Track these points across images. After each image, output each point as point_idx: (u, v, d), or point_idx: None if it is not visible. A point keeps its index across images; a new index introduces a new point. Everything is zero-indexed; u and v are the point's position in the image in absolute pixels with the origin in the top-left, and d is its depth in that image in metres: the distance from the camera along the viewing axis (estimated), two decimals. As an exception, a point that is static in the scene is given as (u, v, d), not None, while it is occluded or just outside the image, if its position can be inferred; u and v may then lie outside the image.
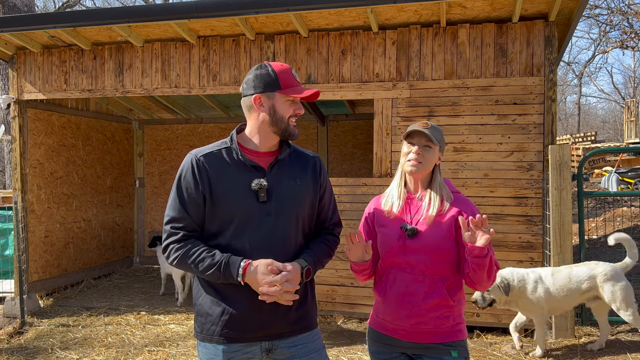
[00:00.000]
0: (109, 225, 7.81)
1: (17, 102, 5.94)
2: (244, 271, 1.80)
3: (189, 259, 1.85)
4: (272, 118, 1.91)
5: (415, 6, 4.51)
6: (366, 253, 2.06)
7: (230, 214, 1.87)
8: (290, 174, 1.96)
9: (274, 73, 1.90)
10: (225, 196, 1.87)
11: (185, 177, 1.90)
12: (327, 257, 2.04)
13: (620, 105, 34.78)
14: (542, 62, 4.69)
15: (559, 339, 4.47)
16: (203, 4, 4.72)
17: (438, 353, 2.02)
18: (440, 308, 2.01)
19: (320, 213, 2.06)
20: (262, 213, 1.88)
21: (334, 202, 2.14)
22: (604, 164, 17.93)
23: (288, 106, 1.92)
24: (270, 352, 1.93)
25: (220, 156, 1.93)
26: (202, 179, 1.88)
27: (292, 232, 1.93)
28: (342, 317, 5.16)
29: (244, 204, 1.87)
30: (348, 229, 5.04)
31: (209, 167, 1.89)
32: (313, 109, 7.39)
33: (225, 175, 1.89)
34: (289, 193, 1.92)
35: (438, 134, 2.09)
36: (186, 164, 1.92)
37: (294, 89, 1.91)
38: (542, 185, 4.67)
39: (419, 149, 2.05)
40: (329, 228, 2.10)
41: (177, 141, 8.51)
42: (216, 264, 1.82)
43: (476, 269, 1.92)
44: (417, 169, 2.05)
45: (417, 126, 2.08)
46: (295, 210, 1.93)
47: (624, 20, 18.22)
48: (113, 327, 5.27)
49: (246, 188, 1.88)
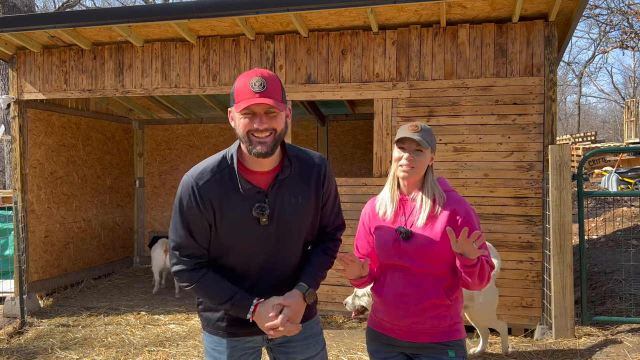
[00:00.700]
0: (109, 225, 7.81)
1: (17, 102, 5.94)
2: (255, 309, 1.84)
3: (201, 291, 1.87)
4: (237, 133, 1.79)
5: (415, 6, 4.51)
6: (362, 270, 2.06)
7: (232, 239, 1.86)
8: (291, 192, 1.87)
9: (234, 86, 1.78)
10: (227, 223, 1.84)
11: (187, 205, 1.81)
12: (329, 266, 2.04)
13: (620, 105, 34.78)
14: (542, 62, 4.69)
15: (559, 339, 4.47)
16: (203, 4, 4.72)
17: (435, 352, 2.03)
18: (437, 308, 2.02)
19: (322, 218, 2.02)
20: (264, 237, 1.86)
21: (339, 205, 2.07)
22: (604, 164, 17.93)
23: (245, 121, 1.73)
24: (271, 340, 1.99)
25: (221, 181, 1.81)
26: (206, 207, 1.80)
27: (294, 249, 1.94)
28: (342, 317, 5.16)
29: (245, 230, 1.84)
30: (348, 229, 5.03)
31: (211, 195, 1.80)
32: (313, 108, 7.39)
33: (226, 203, 1.82)
34: (290, 213, 1.87)
35: (428, 137, 2.05)
36: (185, 190, 1.81)
37: (241, 103, 1.71)
38: (542, 185, 4.67)
39: (410, 155, 2.03)
40: (330, 233, 2.07)
41: (177, 141, 8.51)
42: (226, 305, 1.85)
43: (467, 275, 1.95)
44: (409, 175, 2.04)
45: (407, 131, 2.04)
46: (298, 229, 1.92)
47: (624, 20, 18.23)
48: (113, 327, 5.26)
49: (247, 213, 1.82)
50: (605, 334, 4.57)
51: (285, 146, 1.91)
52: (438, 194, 2.06)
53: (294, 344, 1.98)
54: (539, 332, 4.62)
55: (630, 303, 5.16)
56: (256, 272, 1.90)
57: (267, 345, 2.02)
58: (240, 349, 1.95)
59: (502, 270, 4.72)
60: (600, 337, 4.49)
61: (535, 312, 4.71)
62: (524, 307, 4.73)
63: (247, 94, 1.70)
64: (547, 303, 4.57)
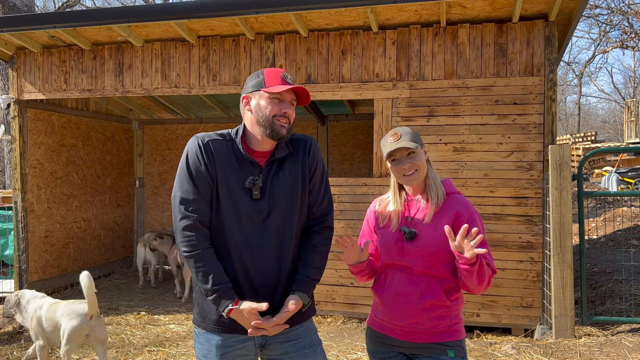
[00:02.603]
0: (108, 225, 7.81)
1: (17, 102, 5.94)
2: (229, 312, 1.84)
3: (192, 266, 1.87)
4: (257, 117, 1.91)
5: (415, 6, 4.51)
6: (362, 254, 2.06)
7: (226, 208, 1.88)
8: (282, 169, 1.96)
9: (262, 74, 1.93)
10: (224, 187, 1.88)
11: (193, 158, 1.90)
12: (323, 266, 2.02)
13: (620, 105, 34.78)
14: (542, 62, 4.69)
15: (559, 339, 4.47)
16: (203, 4, 4.72)
17: (435, 353, 2.03)
18: (437, 308, 2.02)
19: (311, 195, 2.00)
20: (255, 211, 1.89)
21: (326, 184, 2.05)
22: (604, 164, 17.94)
23: (272, 104, 1.90)
24: (264, 348, 1.94)
25: (225, 144, 1.93)
26: (210, 161, 1.89)
27: (284, 227, 1.93)
28: (342, 317, 5.16)
29: (238, 201, 1.88)
30: (348, 229, 5.04)
31: (214, 152, 1.90)
32: (313, 108, 7.39)
33: (226, 165, 1.90)
34: (281, 188, 1.92)
35: (412, 136, 2.04)
36: (193, 146, 1.92)
37: (277, 87, 1.89)
38: (542, 185, 4.67)
39: (407, 161, 2.02)
40: (318, 219, 2.02)
41: (177, 141, 8.51)
42: (209, 291, 1.85)
43: (466, 275, 1.93)
44: (416, 179, 2.04)
45: (392, 144, 2.02)
46: (288, 205, 1.93)
47: (624, 20, 18.23)
48: (113, 327, 5.26)
49: (241, 184, 1.89)
50: (605, 334, 4.57)
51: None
52: (441, 195, 2.07)
53: (291, 354, 1.94)
54: (539, 332, 4.62)
55: (630, 303, 5.16)
56: (244, 251, 1.88)
57: (262, 357, 1.99)
58: (231, 356, 1.92)
59: (503, 270, 4.72)
60: (600, 337, 4.49)
61: (536, 312, 4.71)
62: (524, 307, 4.73)
63: (281, 81, 1.91)
64: (547, 303, 4.57)
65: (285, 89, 1.88)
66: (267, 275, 1.90)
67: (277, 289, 1.92)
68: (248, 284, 1.90)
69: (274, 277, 1.91)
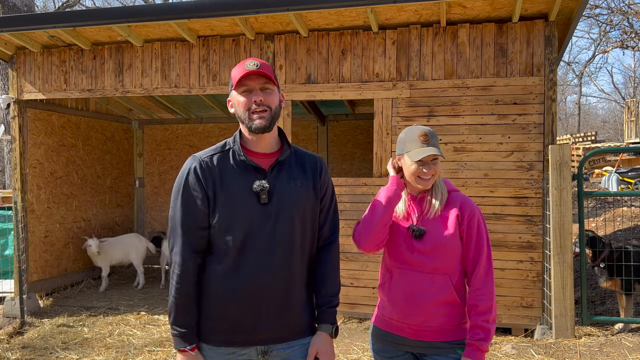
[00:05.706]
0: (109, 225, 7.81)
1: (16, 102, 5.94)
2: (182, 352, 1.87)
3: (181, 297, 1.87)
4: (238, 115, 1.91)
5: (415, 6, 4.51)
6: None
7: (231, 216, 1.85)
8: (290, 176, 1.93)
9: (231, 74, 1.92)
10: (226, 196, 1.85)
11: (188, 179, 1.87)
12: (339, 284, 2.04)
13: (620, 105, 34.78)
14: (542, 62, 4.69)
15: (559, 339, 4.47)
16: (203, 4, 4.72)
17: (443, 352, 2.05)
18: (447, 306, 2.04)
19: (320, 212, 2.01)
20: (263, 216, 1.86)
21: (335, 206, 2.07)
22: (604, 164, 17.92)
23: (243, 98, 1.87)
24: (266, 355, 1.91)
25: (223, 158, 1.91)
26: (206, 178, 1.86)
27: (292, 234, 1.90)
28: (342, 317, 5.16)
29: (245, 207, 1.85)
30: (348, 229, 5.04)
31: (213, 167, 1.87)
32: (313, 108, 7.39)
33: (227, 175, 1.87)
34: (289, 195, 1.90)
35: (437, 141, 2.12)
36: (188, 165, 1.90)
37: (238, 81, 1.85)
38: (542, 185, 4.67)
39: (430, 166, 2.08)
40: (327, 239, 2.04)
41: (177, 141, 8.51)
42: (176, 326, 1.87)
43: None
44: (430, 184, 2.10)
45: (422, 147, 2.05)
46: (296, 212, 1.91)
47: (624, 20, 18.23)
48: (113, 327, 5.26)
49: (247, 190, 1.86)
50: (605, 334, 4.57)
51: (284, 135, 2.02)
52: (444, 193, 2.12)
53: None
54: (539, 332, 4.62)
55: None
56: (253, 257, 1.85)
57: None
58: None
59: (502, 270, 4.72)
60: (600, 337, 4.49)
61: (536, 312, 4.71)
62: (524, 307, 4.73)
63: (244, 72, 1.84)
64: (547, 303, 4.57)
65: (242, 75, 1.83)
66: (271, 284, 1.87)
67: (276, 298, 1.89)
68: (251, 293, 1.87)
69: (278, 285, 1.88)
